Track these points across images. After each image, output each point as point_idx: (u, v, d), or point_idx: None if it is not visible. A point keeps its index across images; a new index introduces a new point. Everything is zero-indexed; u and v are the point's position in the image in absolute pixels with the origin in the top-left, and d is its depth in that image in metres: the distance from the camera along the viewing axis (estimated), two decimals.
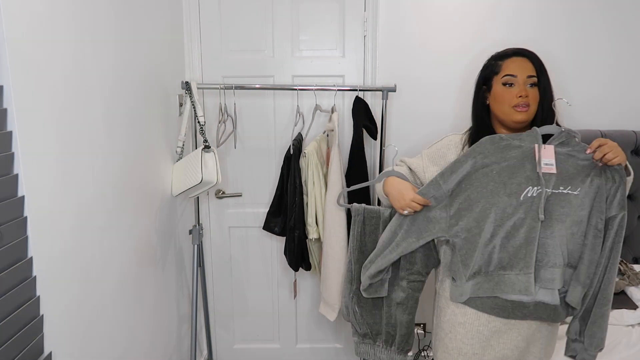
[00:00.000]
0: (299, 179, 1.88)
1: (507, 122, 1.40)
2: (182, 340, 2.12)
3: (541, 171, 1.28)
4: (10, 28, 0.93)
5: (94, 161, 1.28)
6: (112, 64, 1.38)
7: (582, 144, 1.30)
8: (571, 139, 1.31)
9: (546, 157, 1.30)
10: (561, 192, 1.28)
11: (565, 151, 1.30)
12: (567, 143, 1.31)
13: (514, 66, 1.38)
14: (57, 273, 1.12)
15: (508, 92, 1.37)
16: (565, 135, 1.31)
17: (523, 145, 1.31)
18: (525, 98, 1.35)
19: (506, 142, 1.32)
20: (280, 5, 2.09)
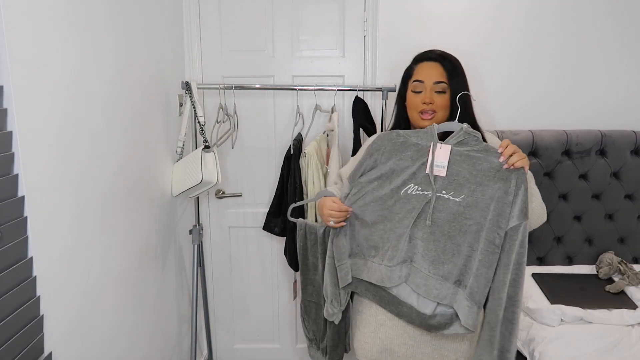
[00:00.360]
0: (299, 179, 1.88)
1: (417, 127, 1.41)
2: (182, 340, 2.12)
3: (431, 173, 1.23)
4: (10, 28, 0.93)
5: (94, 161, 1.28)
6: (112, 63, 1.38)
7: (483, 144, 1.24)
8: (470, 138, 1.24)
9: (440, 158, 1.24)
10: (442, 197, 1.23)
11: (464, 151, 1.24)
12: (466, 142, 1.24)
13: (423, 72, 1.38)
14: (57, 273, 1.12)
15: (415, 97, 1.38)
16: (464, 134, 1.24)
17: (420, 143, 1.27)
18: (430, 105, 1.35)
19: (403, 139, 1.29)
20: (280, 5, 2.08)
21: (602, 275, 1.92)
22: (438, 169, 1.24)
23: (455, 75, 1.36)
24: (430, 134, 1.27)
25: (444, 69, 1.36)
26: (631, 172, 2.00)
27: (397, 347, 1.35)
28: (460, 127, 1.25)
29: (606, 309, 1.68)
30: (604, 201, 2.02)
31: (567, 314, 1.65)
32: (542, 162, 1.97)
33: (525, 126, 2.08)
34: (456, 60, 1.39)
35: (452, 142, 1.25)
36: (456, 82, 1.35)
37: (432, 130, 1.27)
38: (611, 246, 2.04)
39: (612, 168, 1.99)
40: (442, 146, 1.24)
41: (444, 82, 1.35)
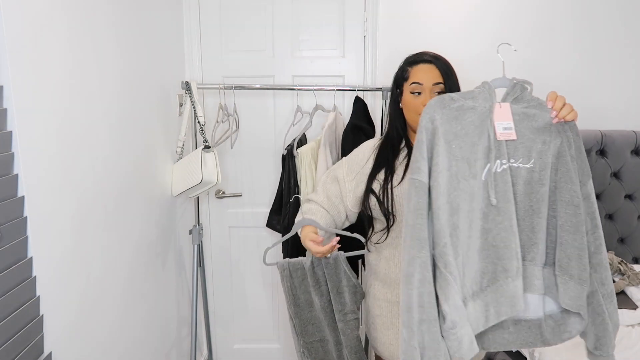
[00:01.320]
0: (294, 178, 1.88)
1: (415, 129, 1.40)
2: (182, 340, 2.12)
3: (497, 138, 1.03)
4: (10, 28, 0.93)
5: (94, 161, 1.28)
6: (112, 63, 1.38)
7: (537, 98, 1.09)
8: (525, 92, 1.08)
9: (503, 119, 1.04)
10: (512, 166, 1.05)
11: (521, 109, 1.07)
12: (521, 98, 1.08)
13: (421, 74, 1.38)
14: (57, 273, 1.12)
15: (414, 100, 1.38)
16: (520, 88, 1.08)
17: (476, 105, 1.06)
18: None
19: (457, 103, 1.06)
20: (280, 5, 2.08)
21: None
22: (507, 132, 1.04)
23: (449, 75, 1.38)
24: (487, 91, 1.08)
25: (439, 71, 1.37)
26: (631, 172, 2.00)
27: None
28: (513, 82, 1.08)
29: None
30: (604, 201, 2.02)
31: None
32: None
33: None
34: (448, 61, 1.41)
35: (510, 99, 1.08)
36: (451, 81, 1.38)
37: (488, 87, 1.08)
38: (611, 246, 2.04)
39: (612, 168, 1.99)
40: (502, 105, 1.06)
41: (441, 82, 1.37)
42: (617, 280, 1.86)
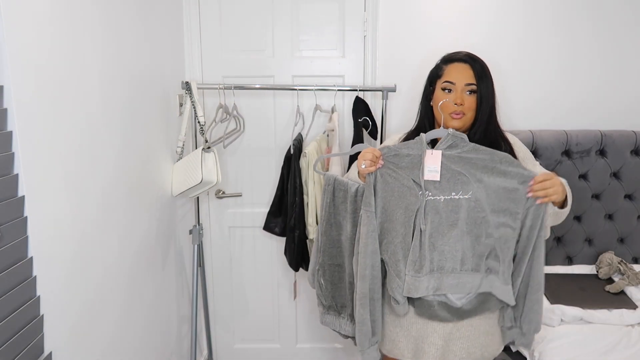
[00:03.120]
0: (299, 178, 1.88)
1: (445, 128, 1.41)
2: (182, 340, 2.12)
3: (423, 178, 1.29)
4: (10, 28, 0.93)
5: (94, 161, 1.28)
6: (112, 63, 1.38)
7: (471, 144, 1.29)
8: (459, 141, 1.30)
9: (431, 163, 1.30)
10: (452, 198, 1.29)
11: (456, 154, 1.29)
12: (455, 145, 1.30)
13: (455, 73, 1.39)
14: (57, 273, 1.12)
15: (446, 97, 1.39)
16: (451, 138, 1.30)
17: (412, 153, 1.32)
18: (461, 107, 1.37)
19: (394, 152, 1.33)
20: (280, 5, 2.08)
21: (602, 275, 1.92)
22: (432, 173, 1.30)
23: (484, 78, 1.38)
24: (420, 142, 1.32)
25: (473, 71, 1.37)
26: (631, 172, 2.00)
27: (428, 347, 1.39)
28: (447, 133, 1.30)
29: (606, 309, 1.68)
30: (604, 201, 2.02)
31: (567, 314, 1.65)
32: (542, 162, 1.97)
33: (525, 126, 2.08)
34: (484, 63, 1.41)
35: (442, 147, 1.30)
36: (484, 85, 1.37)
37: (421, 139, 1.32)
38: (611, 246, 2.04)
39: (612, 168, 1.99)
40: (434, 152, 1.30)
41: (474, 84, 1.37)
42: (617, 280, 1.86)
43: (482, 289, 1.33)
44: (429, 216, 1.30)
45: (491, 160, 1.28)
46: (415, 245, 1.31)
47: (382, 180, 1.34)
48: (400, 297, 1.34)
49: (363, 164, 1.33)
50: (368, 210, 1.34)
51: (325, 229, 1.55)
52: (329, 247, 1.55)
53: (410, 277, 1.31)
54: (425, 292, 1.31)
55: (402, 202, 1.32)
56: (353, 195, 1.47)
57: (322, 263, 1.57)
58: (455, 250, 1.30)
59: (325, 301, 1.61)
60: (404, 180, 1.32)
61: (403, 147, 1.33)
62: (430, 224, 1.30)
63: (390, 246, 1.34)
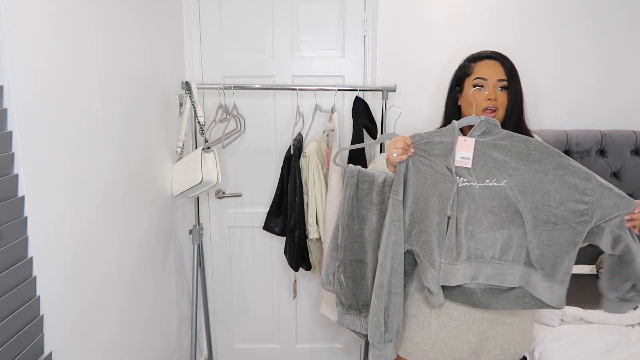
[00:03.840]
0: (299, 178, 1.88)
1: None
2: (182, 340, 2.12)
3: (454, 164, 1.27)
4: (10, 28, 0.93)
5: (94, 161, 1.28)
6: (112, 63, 1.38)
7: (504, 131, 1.27)
8: (492, 127, 1.28)
9: (463, 150, 1.28)
10: (487, 185, 1.27)
11: (489, 140, 1.27)
12: (489, 132, 1.28)
13: (486, 69, 1.39)
14: (57, 273, 1.12)
15: (479, 94, 1.39)
16: (485, 124, 1.28)
17: (444, 140, 1.30)
18: (494, 102, 1.37)
19: (426, 139, 1.31)
20: (280, 5, 2.08)
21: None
22: (464, 160, 1.28)
23: (513, 75, 1.39)
24: (452, 129, 1.30)
25: (503, 67, 1.38)
26: (631, 172, 2.00)
27: (461, 345, 1.39)
28: (480, 119, 1.29)
29: None
30: None
31: (567, 314, 1.65)
32: None
33: None
34: (511, 61, 1.42)
35: (476, 134, 1.28)
36: (515, 81, 1.38)
37: (454, 126, 1.30)
38: None
39: (612, 168, 1.99)
40: (466, 139, 1.28)
41: (505, 79, 1.38)
42: None
43: (521, 284, 1.27)
44: (465, 203, 1.27)
45: (526, 147, 1.25)
46: (452, 232, 1.27)
47: (414, 168, 1.32)
48: (435, 287, 1.30)
49: (394, 152, 1.31)
50: (395, 198, 1.31)
51: (347, 222, 1.48)
52: (351, 242, 1.48)
53: (447, 264, 1.27)
54: (462, 280, 1.27)
55: (436, 189, 1.29)
56: (380, 185, 1.41)
57: (342, 259, 1.50)
58: (494, 239, 1.26)
59: (346, 300, 1.53)
60: (437, 167, 1.30)
61: (435, 135, 1.31)
62: (467, 210, 1.27)
63: (423, 235, 1.31)
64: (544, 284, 1.24)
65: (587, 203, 1.20)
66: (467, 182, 1.27)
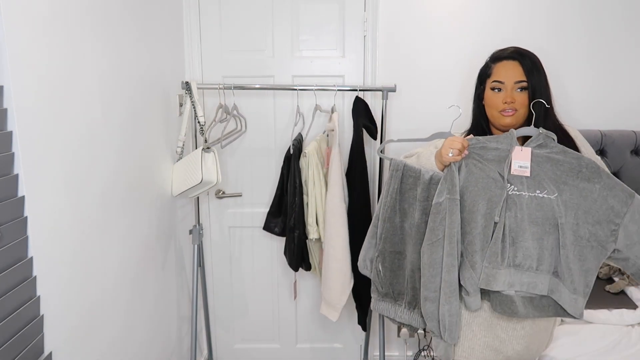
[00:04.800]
0: (299, 178, 1.88)
1: (496, 125, 1.43)
2: (182, 340, 2.12)
3: (510, 173, 1.29)
4: (10, 28, 0.93)
5: (94, 161, 1.28)
6: (112, 63, 1.38)
7: (560, 146, 1.29)
8: (549, 141, 1.30)
9: (521, 159, 1.29)
10: (537, 196, 1.28)
11: (544, 153, 1.29)
12: (545, 145, 1.30)
13: (503, 71, 1.39)
14: (57, 273, 1.12)
15: (496, 97, 1.39)
16: (543, 137, 1.30)
17: (500, 147, 1.31)
18: (512, 104, 1.36)
19: (482, 144, 1.33)
20: (280, 5, 2.08)
21: (602, 275, 1.91)
22: (522, 169, 1.29)
23: (534, 72, 1.36)
24: (510, 137, 1.31)
25: (522, 68, 1.37)
26: (631, 172, 2.00)
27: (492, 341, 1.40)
28: (539, 132, 1.30)
29: (606, 309, 1.68)
30: None
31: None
32: None
33: None
34: (534, 56, 1.39)
35: (532, 145, 1.30)
36: (536, 79, 1.36)
37: (512, 134, 1.31)
38: None
39: (612, 168, 1.99)
40: (523, 149, 1.29)
41: (524, 80, 1.36)
42: (617, 280, 1.86)
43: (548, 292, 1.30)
44: (512, 210, 1.28)
45: (578, 164, 1.27)
46: (498, 237, 1.28)
47: (466, 170, 1.33)
48: (472, 289, 1.33)
49: (450, 152, 1.31)
50: (453, 198, 1.31)
51: (389, 215, 1.49)
52: (391, 235, 1.50)
53: (491, 268, 1.29)
54: (502, 287, 1.29)
55: (485, 193, 1.30)
56: (427, 182, 1.41)
57: (382, 250, 1.53)
58: (534, 248, 1.28)
59: (382, 288, 1.56)
60: (489, 172, 1.31)
61: (492, 140, 1.33)
62: (514, 218, 1.28)
63: (468, 237, 1.32)
64: (571, 295, 1.29)
65: (617, 225, 1.26)
66: (516, 191, 1.29)
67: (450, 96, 2.10)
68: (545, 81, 1.38)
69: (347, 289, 1.89)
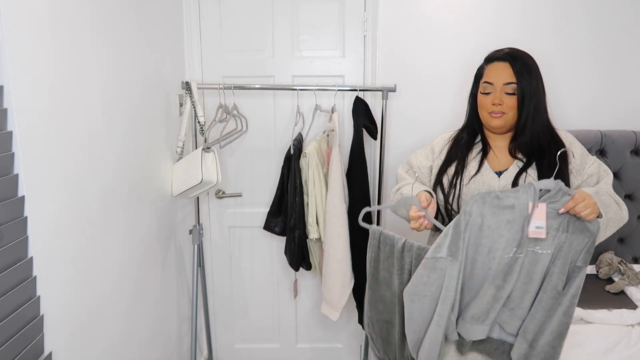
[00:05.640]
0: (299, 178, 1.88)
1: (486, 126, 1.43)
2: (182, 340, 2.12)
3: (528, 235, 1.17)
4: (10, 28, 0.93)
5: (94, 161, 1.28)
6: (112, 64, 1.38)
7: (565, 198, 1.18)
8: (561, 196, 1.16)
9: (537, 218, 1.16)
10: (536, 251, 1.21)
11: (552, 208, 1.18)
12: (555, 200, 1.17)
13: (493, 73, 1.38)
14: (57, 273, 1.12)
15: (485, 98, 1.38)
16: (561, 195, 1.16)
17: (516, 203, 1.18)
18: (499, 106, 1.35)
19: (499, 201, 1.18)
20: (280, 5, 2.08)
21: (602, 275, 1.91)
22: (539, 230, 1.16)
23: (524, 74, 1.33)
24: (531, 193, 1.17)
25: (513, 69, 1.34)
26: (631, 172, 2.00)
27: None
28: (559, 187, 1.16)
29: (606, 309, 1.68)
30: None
31: None
32: None
33: None
34: (528, 58, 1.37)
35: (548, 201, 1.18)
36: (526, 82, 1.33)
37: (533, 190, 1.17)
38: (611, 246, 2.04)
39: (612, 168, 1.99)
40: (539, 205, 1.16)
41: (514, 82, 1.33)
42: (617, 280, 1.86)
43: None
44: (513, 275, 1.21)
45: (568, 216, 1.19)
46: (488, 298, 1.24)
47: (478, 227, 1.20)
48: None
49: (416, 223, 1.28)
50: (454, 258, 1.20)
51: (370, 283, 1.46)
52: (376, 303, 1.47)
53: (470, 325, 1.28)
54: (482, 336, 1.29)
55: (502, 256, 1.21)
56: (400, 251, 1.36)
57: (370, 317, 1.50)
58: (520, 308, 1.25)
59: (378, 353, 1.55)
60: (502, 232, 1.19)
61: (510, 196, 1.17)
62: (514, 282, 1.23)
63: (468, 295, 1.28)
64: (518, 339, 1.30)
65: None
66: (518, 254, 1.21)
67: (450, 96, 2.10)
68: (537, 84, 1.35)
69: (347, 288, 1.89)
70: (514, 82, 1.34)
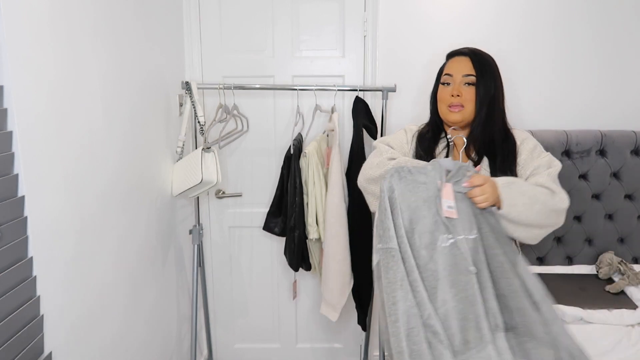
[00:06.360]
0: (299, 178, 1.88)
1: (446, 122, 1.42)
2: (182, 340, 2.12)
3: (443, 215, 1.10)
4: (10, 28, 0.93)
5: (94, 161, 1.28)
6: (112, 63, 1.38)
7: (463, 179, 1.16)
8: (465, 177, 1.14)
9: (447, 197, 1.10)
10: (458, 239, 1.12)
11: (457, 189, 1.14)
12: (459, 180, 1.14)
13: (453, 65, 1.40)
14: (57, 273, 1.12)
15: (445, 90, 1.39)
16: (462, 173, 1.13)
17: (427, 180, 1.13)
18: (458, 98, 1.35)
19: (412, 176, 1.13)
20: (280, 5, 2.08)
21: (602, 275, 1.91)
22: (450, 210, 1.10)
23: (484, 71, 1.35)
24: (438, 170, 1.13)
25: (472, 63, 1.37)
26: (631, 172, 2.00)
27: None
28: (459, 165, 1.14)
29: (606, 309, 1.68)
30: (604, 201, 2.02)
31: (567, 314, 1.65)
32: None
33: (525, 126, 2.08)
34: (488, 57, 1.39)
35: (452, 181, 1.15)
36: (485, 78, 1.34)
37: (439, 166, 1.13)
38: (611, 246, 2.04)
39: (612, 168, 1.99)
40: (446, 185, 1.12)
41: (473, 75, 1.35)
42: (617, 280, 1.86)
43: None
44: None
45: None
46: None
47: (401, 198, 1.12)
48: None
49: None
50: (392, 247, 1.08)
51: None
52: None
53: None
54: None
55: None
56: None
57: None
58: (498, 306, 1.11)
59: None
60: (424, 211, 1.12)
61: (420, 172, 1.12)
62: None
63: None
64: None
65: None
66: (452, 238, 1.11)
67: None
68: (495, 81, 1.36)
69: (347, 289, 1.89)
70: (473, 75, 1.35)
